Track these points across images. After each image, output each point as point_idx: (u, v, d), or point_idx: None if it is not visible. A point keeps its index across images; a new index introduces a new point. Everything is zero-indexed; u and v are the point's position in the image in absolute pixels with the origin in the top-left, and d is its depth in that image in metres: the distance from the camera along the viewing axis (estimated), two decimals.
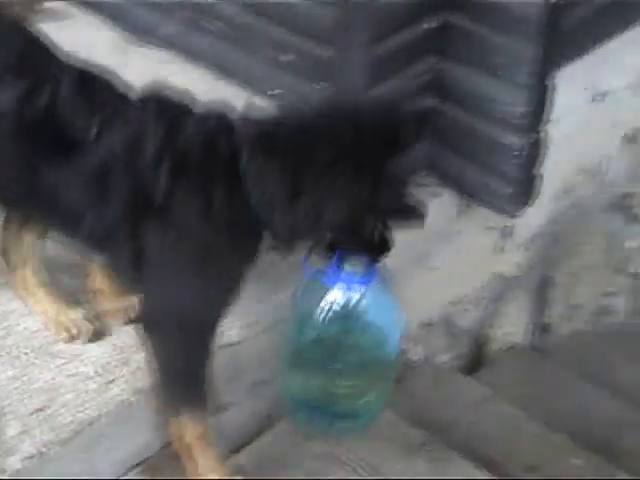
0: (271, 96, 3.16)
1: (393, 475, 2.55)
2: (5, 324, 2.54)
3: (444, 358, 3.30)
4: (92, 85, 2.23)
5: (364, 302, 2.47)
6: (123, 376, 2.46)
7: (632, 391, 3.39)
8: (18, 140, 2.17)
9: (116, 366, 2.48)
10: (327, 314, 2.47)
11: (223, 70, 3.28)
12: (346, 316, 2.48)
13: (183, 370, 2.28)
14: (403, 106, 2.29)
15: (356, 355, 2.53)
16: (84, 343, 2.52)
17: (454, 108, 2.86)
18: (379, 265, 2.38)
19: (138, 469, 2.46)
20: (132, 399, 2.41)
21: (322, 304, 2.47)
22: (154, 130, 2.15)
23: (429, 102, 2.87)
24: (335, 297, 2.46)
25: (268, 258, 2.29)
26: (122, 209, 2.15)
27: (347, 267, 2.37)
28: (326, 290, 2.46)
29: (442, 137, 2.90)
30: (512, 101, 2.78)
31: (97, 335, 2.54)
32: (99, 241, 2.22)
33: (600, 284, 3.95)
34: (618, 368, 3.57)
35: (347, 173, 2.12)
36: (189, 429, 2.30)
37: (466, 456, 2.70)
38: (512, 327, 3.53)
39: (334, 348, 2.51)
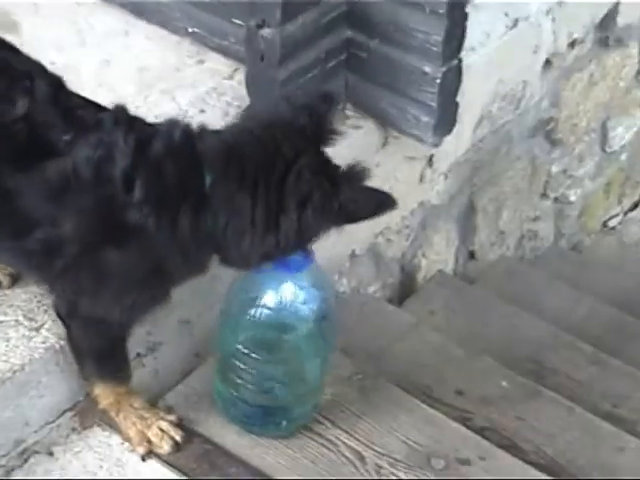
0: (191, 34, 3.15)
1: (325, 405, 2.58)
2: None
3: (372, 289, 3.32)
4: (66, 93, 2.19)
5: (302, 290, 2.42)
6: (50, 322, 2.44)
7: (556, 313, 3.47)
8: None
9: (43, 312, 2.46)
10: (262, 310, 2.42)
11: (141, 10, 3.23)
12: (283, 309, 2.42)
13: (97, 352, 2.32)
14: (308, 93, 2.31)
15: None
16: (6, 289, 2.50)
17: (371, 39, 2.85)
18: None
19: (69, 414, 2.46)
20: (60, 344, 2.39)
21: (256, 300, 2.42)
22: (124, 147, 2.07)
23: (346, 34, 2.85)
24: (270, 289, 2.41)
25: None
26: (82, 225, 2.09)
27: None
28: (260, 283, 2.41)
29: (360, 68, 2.90)
30: (430, 29, 2.76)
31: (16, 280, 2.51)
32: (41, 254, 2.14)
33: (524, 209, 4.01)
34: (542, 292, 3.64)
35: (316, 187, 2.10)
36: (101, 398, 2.38)
37: (396, 383, 2.74)
38: (439, 255, 3.56)
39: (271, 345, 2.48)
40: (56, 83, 2.19)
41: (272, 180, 2.09)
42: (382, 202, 2.20)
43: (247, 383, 2.45)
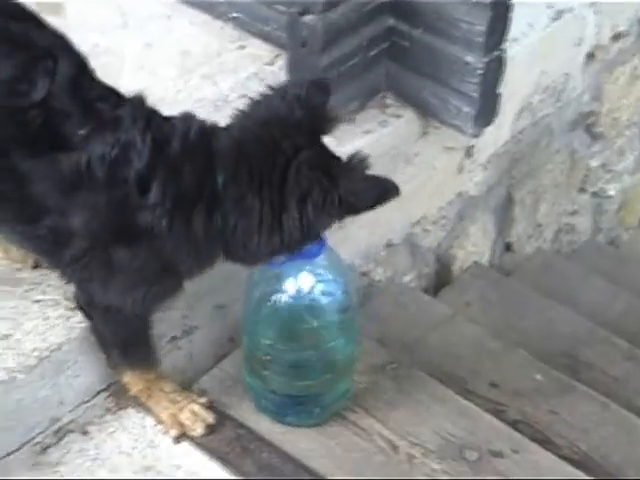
0: (233, 19, 3.16)
1: (359, 394, 2.58)
2: None
3: (407, 279, 3.32)
4: (88, 79, 2.13)
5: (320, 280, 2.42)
6: None
7: (592, 308, 3.45)
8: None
9: None
10: (282, 300, 2.41)
11: None
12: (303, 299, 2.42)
13: (121, 341, 2.33)
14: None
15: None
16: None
17: (414, 28, 2.84)
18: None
19: (104, 394, 2.48)
20: None
21: (276, 292, 2.41)
22: (141, 147, 2.04)
23: (388, 22, 2.85)
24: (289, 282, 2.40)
25: None
26: (91, 223, 2.06)
27: None
28: (278, 274, 2.40)
29: (402, 57, 2.89)
30: (474, 19, 2.75)
31: None
32: (50, 241, 2.13)
33: (562, 203, 3.99)
34: (579, 286, 3.62)
35: (315, 183, 2.08)
36: (131, 385, 2.39)
37: (431, 374, 2.74)
38: (475, 247, 3.55)
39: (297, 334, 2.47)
40: (80, 64, 2.12)
41: (274, 179, 2.06)
42: (383, 191, 2.16)
43: (274, 374, 2.45)
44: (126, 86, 2.94)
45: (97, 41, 3.12)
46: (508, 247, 3.77)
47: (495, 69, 2.84)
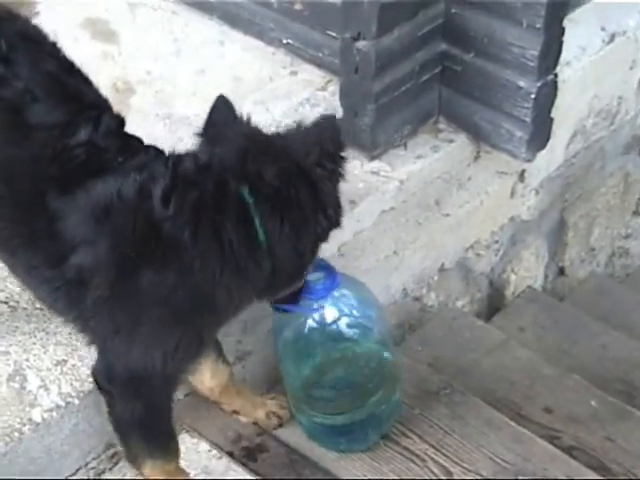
0: (285, 45, 3.18)
1: (412, 419, 2.57)
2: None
3: (460, 303, 3.30)
4: (125, 131, 2.19)
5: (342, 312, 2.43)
6: None
7: None
8: (37, 162, 2.08)
9: None
10: (312, 337, 2.42)
11: (236, 21, 3.27)
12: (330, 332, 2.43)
13: (142, 424, 2.24)
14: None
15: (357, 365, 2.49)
16: None
17: (466, 52, 2.84)
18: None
19: None
20: None
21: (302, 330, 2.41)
22: (164, 169, 2.08)
23: (440, 47, 2.85)
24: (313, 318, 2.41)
25: None
26: (119, 243, 2.05)
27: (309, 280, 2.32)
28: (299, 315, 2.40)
29: (454, 82, 2.89)
30: (527, 44, 2.75)
31: None
32: (76, 283, 2.09)
33: (616, 226, 3.95)
34: (633, 310, 3.58)
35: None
36: (152, 478, 2.31)
37: (484, 399, 2.72)
38: (528, 271, 3.53)
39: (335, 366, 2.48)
40: (120, 121, 2.19)
41: (298, 168, 2.10)
42: (327, 126, 2.18)
43: (315, 409, 2.46)
44: (179, 112, 2.99)
45: (150, 68, 3.16)
46: (561, 271, 3.75)
47: (548, 93, 2.83)
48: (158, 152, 2.18)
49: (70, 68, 2.19)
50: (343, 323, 2.42)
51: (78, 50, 3.11)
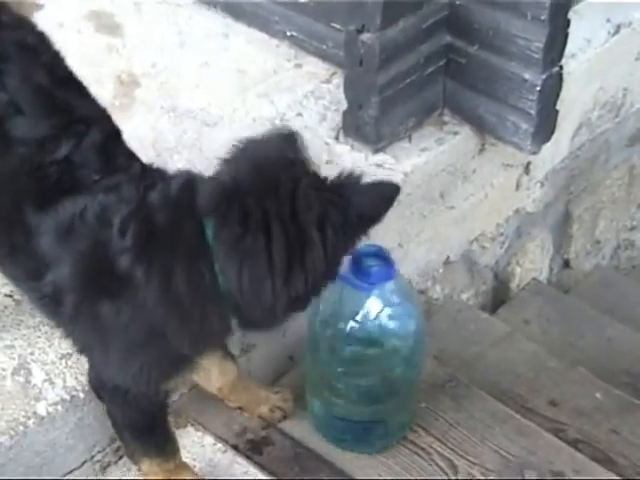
0: (289, 37, 3.17)
1: (418, 412, 2.57)
2: None
3: (465, 296, 3.30)
4: (117, 147, 2.13)
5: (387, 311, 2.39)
6: None
7: None
8: (16, 176, 2.04)
9: None
10: (350, 327, 2.39)
11: (241, 13, 3.26)
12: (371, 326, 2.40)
13: (135, 427, 2.24)
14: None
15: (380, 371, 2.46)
16: None
17: (471, 45, 2.82)
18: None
19: None
20: None
21: (341, 316, 2.38)
22: (134, 193, 2.01)
23: (445, 39, 2.84)
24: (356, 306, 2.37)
25: None
26: (77, 271, 2.01)
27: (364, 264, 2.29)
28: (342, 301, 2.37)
29: (459, 74, 2.88)
30: (532, 36, 2.73)
31: None
32: (52, 299, 2.07)
33: (621, 219, 3.94)
34: (638, 303, 3.58)
35: (329, 204, 1.95)
36: (150, 476, 2.31)
37: (489, 392, 2.72)
38: (533, 264, 3.53)
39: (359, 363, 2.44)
40: (112, 134, 2.14)
41: (282, 212, 1.91)
42: (388, 194, 2.02)
43: (338, 399, 2.44)
44: (183, 105, 2.99)
45: (155, 60, 3.15)
46: (566, 264, 3.74)
47: (553, 85, 2.82)
48: (142, 171, 2.09)
49: (66, 80, 2.15)
50: (384, 315, 2.39)
51: (82, 43, 3.15)
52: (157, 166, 2.15)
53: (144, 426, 2.25)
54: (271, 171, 1.96)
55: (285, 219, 1.92)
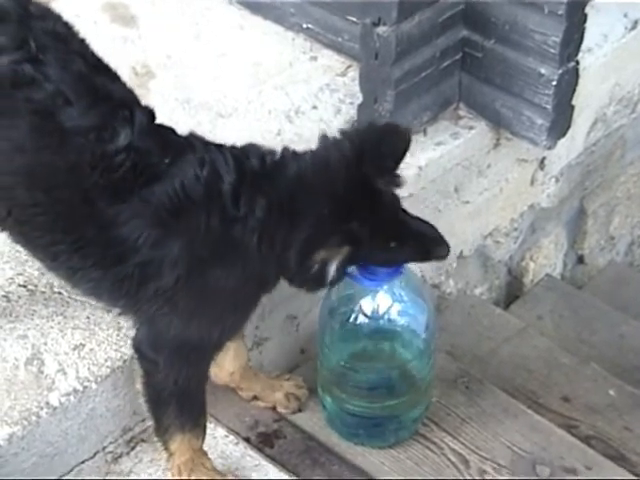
0: (305, 30, 3.16)
1: (430, 407, 2.56)
2: (39, 264, 2.55)
3: (478, 291, 3.30)
4: (156, 123, 2.17)
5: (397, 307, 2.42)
6: None
7: None
8: (77, 169, 2.05)
9: None
10: (361, 323, 2.42)
11: (257, 6, 3.26)
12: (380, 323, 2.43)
13: (181, 393, 2.25)
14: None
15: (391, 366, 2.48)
16: None
17: (487, 39, 2.81)
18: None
19: None
20: None
21: (352, 312, 2.41)
22: (226, 164, 2.09)
23: (461, 33, 2.83)
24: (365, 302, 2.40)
25: None
26: (191, 243, 2.07)
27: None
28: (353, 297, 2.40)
29: (475, 68, 2.87)
30: (548, 30, 2.72)
31: None
32: (135, 279, 2.11)
33: (636, 215, 3.93)
34: None
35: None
36: (178, 454, 2.32)
37: (502, 387, 2.72)
38: (547, 259, 3.51)
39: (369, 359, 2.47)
40: (150, 114, 2.17)
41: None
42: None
43: (350, 395, 2.45)
44: (199, 97, 2.99)
45: (170, 52, 3.15)
46: (580, 260, 3.73)
47: (569, 80, 2.81)
48: (204, 143, 2.15)
49: (97, 65, 2.16)
50: (394, 311, 2.41)
51: (98, 34, 3.14)
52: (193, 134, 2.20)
53: (190, 392, 2.27)
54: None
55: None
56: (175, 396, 2.25)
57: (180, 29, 3.24)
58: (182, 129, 2.60)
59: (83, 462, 2.39)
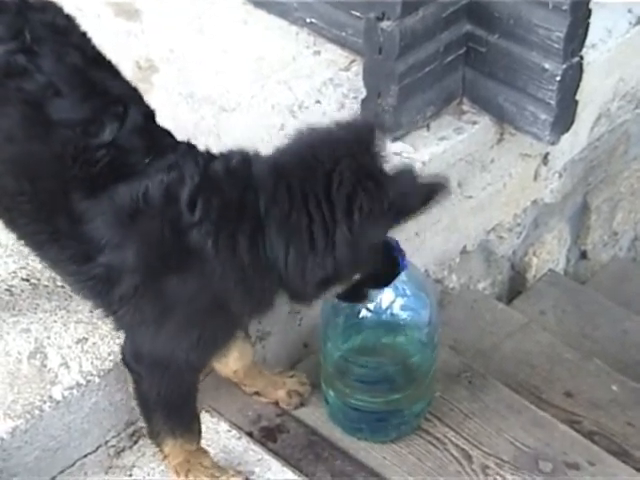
0: (309, 24, 3.16)
1: (433, 402, 2.56)
2: None
3: (481, 286, 3.29)
4: (155, 127, 2.15)
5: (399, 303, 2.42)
6: None
7: None
8: (59, 160, 2.04)
9: None
10: (364, 317, 2.42)
11: (259, 0, 3.25)
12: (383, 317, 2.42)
13: (167, 403, 2.24)
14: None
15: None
16: None
17: (491, 33, 2.81)
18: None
19: None
20: None
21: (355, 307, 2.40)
22: (194, 168, 2.05)
23: (465, 28, 2.82)
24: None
25: None
26: (145, 250, 2.04)
27: None
28: None
29: (479, 63, 2.86)
30: (553, 25, 2.72)
31: None
32: (103, 280, 2.09)
33: (639, 210, 3.92)
34: None
35: (361, 190, 2.01)
36: (171, 457, 2.32)
37: (505, 383, 2.72)
38: (550, 254, 3.51)
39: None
40: (149, 114, 2.15)
41: (318, 192, 2.00)
42: (432, 190, 2.06)
43: (353, 389, 2.45)
44: (202, 91, 2.98)
45: (173, 46, 3.15)
46: (583, 255, 3.73)
47: (573, 76, 2.80)
48: (190, 148, 2.13)
49: (97, 60, 2.16)
50: (397, 305, 2.41)
51: (101, 28, 3.14)
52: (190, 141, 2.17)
53: (177, 403, 2.25)
54: (315, 149, 2.04)
55: (321, 201, 2.00)
56: (160, 405, 2.25)
57: (183, 23, 3.23)
58: (185, 123, 2.62)
59: (86, 456, 2.39)
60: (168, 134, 2.17)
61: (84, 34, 2.19)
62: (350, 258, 2.03)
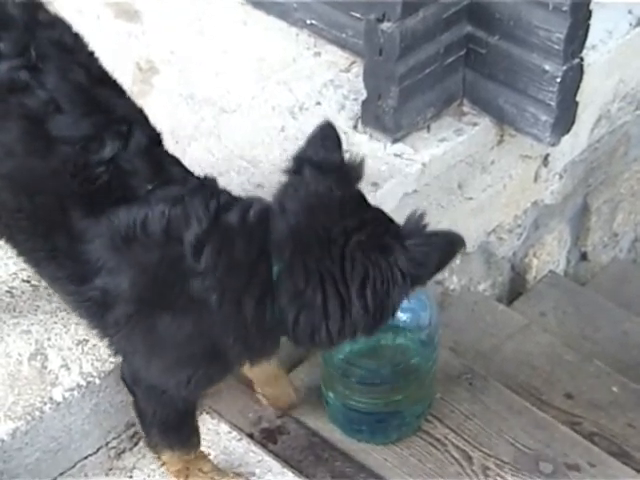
0: (309, 26, 3.16)
1: (434, 403, 2.57)
2: None
3: (482, 287, 3.29)
4: (162, 151, 2.13)
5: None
6: None
7: None
8: (59, 177, 2.02)
9: None
10: None
11: (259, 1, 3.25)
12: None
13: (162, 423, 2.24)
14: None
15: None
16: None
17: (492, 35, 2.81)
18: None
19: None
20: None
21: None
22: (204, 211, 2.00)
23: (465, 29, 2.82)
24: None
25: None
26: (140, 283, 2.02)
27: None
28: None
29: (479, 65, 2.86)
30: (553, 27, 2.72)
31: None
32: (98, 304, 2.07)
33: (639, 212, 3.93)
34: None
35: (372, 267, 1.98)
36: (169, 465, 2.34)
37: (505, 384, 2.72)
38: (550, 256, 3.51)
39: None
40: (154, 137, 2.13)
41: (334, 271, 1.97)
42: (448, 249, 2.05)
43: (353, 391, 2.45)
44: (202, 92, 2.98)
45: (174, 48, 3.15)
46: (584, 256, 3.73)
47: (574, 77, 2.80)
48: (202, 185, 2.08)
49: (102, 79, 2.15)
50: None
51: (101, 29, 3.15)
52: (208, 177, 2.13)
53: (173, 423, 2.26)
54: (325, 220, 1.99)
55: (336, 280, 1.98)
56: (156, 424, 2.25)
57: (184, 25, 3.23)
58: (185, 125, 2.61)
59: (86, 457, 2.40)
60: (177, 163, 2.14)
61: (91, 53, 2.18)
62: (363, 325, 2.04)
